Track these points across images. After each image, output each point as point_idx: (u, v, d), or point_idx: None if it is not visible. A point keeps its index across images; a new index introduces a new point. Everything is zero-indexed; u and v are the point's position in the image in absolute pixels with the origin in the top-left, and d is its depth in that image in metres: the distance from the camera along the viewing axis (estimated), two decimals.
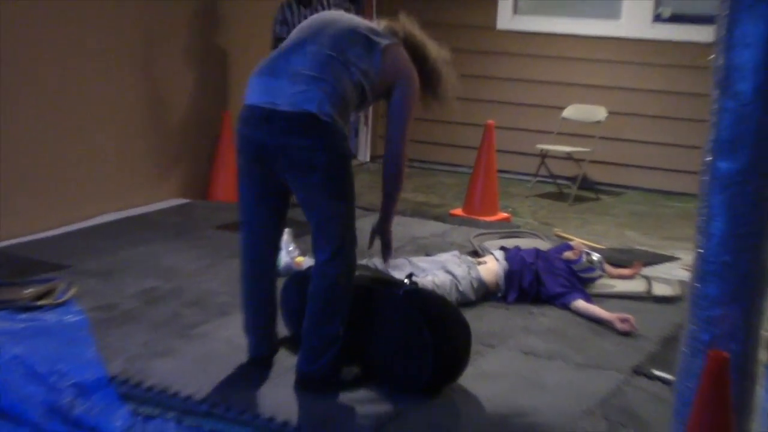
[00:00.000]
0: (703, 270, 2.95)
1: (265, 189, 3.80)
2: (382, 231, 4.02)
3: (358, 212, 3.91)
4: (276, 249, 3.99)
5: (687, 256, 5.99)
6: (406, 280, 4.12)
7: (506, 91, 9.73)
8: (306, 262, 5.33)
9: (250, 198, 3.82)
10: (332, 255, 3.71)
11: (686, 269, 5.69)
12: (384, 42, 3.77)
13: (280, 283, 4.27)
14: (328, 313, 3.73)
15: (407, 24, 3.97)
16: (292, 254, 5.54)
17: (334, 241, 3.67)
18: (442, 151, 10.23)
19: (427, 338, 3.73)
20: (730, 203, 2.84)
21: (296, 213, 4.06)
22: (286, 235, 5.49)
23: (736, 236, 2.86)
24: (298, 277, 4.31)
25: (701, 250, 2.94)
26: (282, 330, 4.34)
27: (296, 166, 3.59)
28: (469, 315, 4.47)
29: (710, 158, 2.87)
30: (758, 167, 2.82)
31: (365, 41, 3.74)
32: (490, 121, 7.76)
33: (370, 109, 9.71)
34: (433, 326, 3.76)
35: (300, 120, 3.53)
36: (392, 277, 4.29)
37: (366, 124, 10.12)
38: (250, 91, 3.75)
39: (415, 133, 9.90)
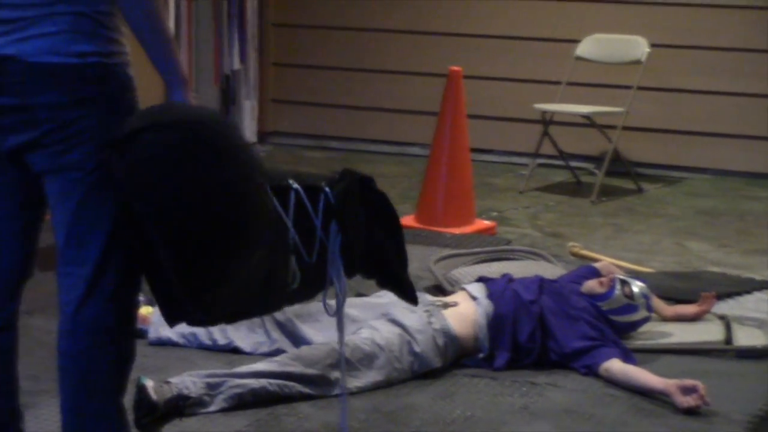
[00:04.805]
0: None
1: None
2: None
3: None
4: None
5: None
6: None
7: (482, 17, 7.82)
8: (156, 315, 4.56)
9: None
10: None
11: None
12: None
13: None
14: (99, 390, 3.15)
15: None
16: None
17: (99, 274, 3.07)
18: (377, 122, 8.16)
19: None
20: None
21: None
22: None
23: None
24: None
25: None
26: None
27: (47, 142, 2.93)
28: (432, 392, 4.14)
29: None
30: None
31: None
32: (455, 68, 6.20)
33: (255, 54, 7.76)
34: None
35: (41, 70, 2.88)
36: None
37: (251, 88, 7.77)
38: None
39: (325, 91, 7.96)
